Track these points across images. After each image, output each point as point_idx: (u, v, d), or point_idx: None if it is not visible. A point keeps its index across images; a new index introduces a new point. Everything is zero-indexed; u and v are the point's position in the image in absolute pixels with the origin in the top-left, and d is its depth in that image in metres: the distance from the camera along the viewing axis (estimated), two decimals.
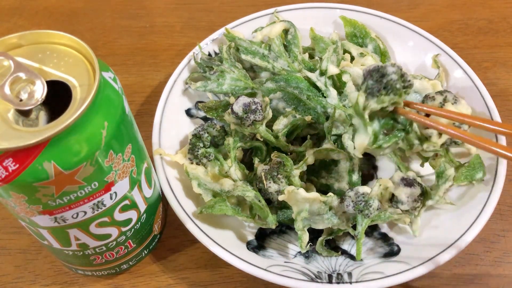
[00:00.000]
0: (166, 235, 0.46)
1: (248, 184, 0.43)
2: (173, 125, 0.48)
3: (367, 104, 0.35)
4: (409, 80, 0.34)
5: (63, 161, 0.27)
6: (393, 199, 0.42)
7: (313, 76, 0.47)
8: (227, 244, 0.39)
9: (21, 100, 0.28)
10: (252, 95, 0.47)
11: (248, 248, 0.41)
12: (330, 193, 0.41)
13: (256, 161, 0.44)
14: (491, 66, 0.59)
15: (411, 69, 0.53)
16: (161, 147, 0.45)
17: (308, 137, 0.45)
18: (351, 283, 0.37)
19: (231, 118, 0.43)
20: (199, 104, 0.49)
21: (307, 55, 0.52)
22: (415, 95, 0.47)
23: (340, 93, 0.46)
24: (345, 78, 0.46)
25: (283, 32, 0.52)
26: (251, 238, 0.43)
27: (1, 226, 0.47)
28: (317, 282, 0.37)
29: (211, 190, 0.43)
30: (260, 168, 0.43)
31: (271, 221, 0.41)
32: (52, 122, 0.27)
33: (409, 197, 0.41)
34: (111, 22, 0.67)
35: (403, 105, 0.35)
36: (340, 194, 0.41)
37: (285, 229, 0.44)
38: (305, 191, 0.40)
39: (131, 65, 0.61)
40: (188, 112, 0.51)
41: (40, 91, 0.28)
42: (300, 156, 0.44)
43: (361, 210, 0.39)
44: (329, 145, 0.43)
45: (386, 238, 0.43)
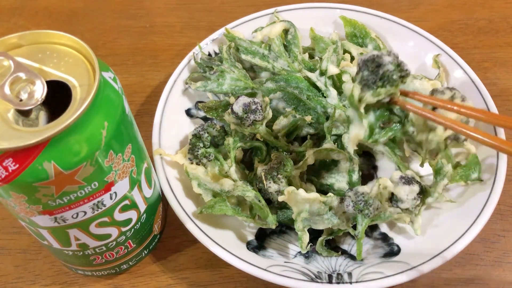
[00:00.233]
0: (166, 235, 0.46)
1: (248, 184, 0.43)
2: (173, 125, 0.48)
3: (363, 96, 0.33)
4: (406, 70, 0.33)
5: (63, 161, 0.27)
6: (393, 198, 0.42)
7: (313, 76, 0.47)
8: (227, 244, 0.39)
9: (21, 100, 0.28)
10: (252, 95, 0.47)
11: (248, 248, 0.41)
12: (330, 193, 0.41)
13: (256, 161, 0.44)
14: (491, 66, 0.59)
15: (411, 69, 0.53)
16: (161, 147, 0.45)
17: (308, 137, 0.45)
18: (351, 283, 0.37)
19: (231, 118, 0.43)
20: (199, 104, 0.49)
21: (307, 55, 0.52)
22: None
23: (340, 93, 0.47)
24: (345, 78, 0.46)
25: (283, 32, 0.52)
26: (251, 238, 0.43)
27: (1, 226, 0.47)
28: (317, 282, 0.37)
29: (211, 190, 0.43)
30: (260, 168, 0.43)
31: (271, 221, 0.41)
32: (52, 122, 0.27)
33: (409, 195, 0.41)
34: (111, 22, 0.67)
35: (399, 94, 0.34)
36: (340, 194, 0.41)
37: (285, 229, 0.44)
38: (305, 191, 0.40)
39: (131, 65, 0.61)
40: (188, 112, 0.51)
41: (40, 91, 0.28)
42: (300, 156, 0.44)
43: (361, 210, 0.39)
44: (329, 145, 0.43)
45: (386, 238, 0.43)
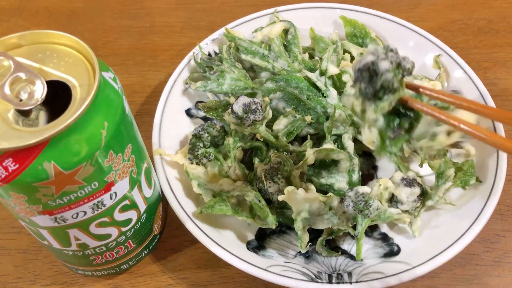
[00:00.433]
0: (166, 235, 0.45)
1: (248, 184, 0.43)
2: (173, 125, 0.48)
3: (364, 107, 0.30)
4: (408, 68, 0.29)
5: (63, 161, 0.27)
6: (393, 199, 0.42)
7: (313, 76, 0.47)
8: (227, 244, 0.39)
9: (21, 100, 0.28)
10: (252, 95, 0.47)
11: (248, 248, 0.41)
12: (330, 193, 0.41)
13: (256, 161, 0.44)
14: (491, 66, 0.59)
15: None
16: (161, 147, 0.45)
17: (308, 137, 0.45)
18: (351, 283, 0.37)
19: (231, 118, 0.43)
20: (199, 104, 0.49)
21: (307, 55, 0.52)
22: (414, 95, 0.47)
23: (340, 93, 0.47)
24: (345, 78, 0.46)
25: (283, 32, 0.52)
26: (251, 238, 0.43)
27: (1, 226, 0.47)
28: (317, 282, 0.37)
29: (211, 190, 0.43)
30: (260, 168, 0.43)
31: (271, 221, 0.41)
32: (52, 122, 0.27)
33: (409, 197, 0.41)
34: (111, 22, 0.67)
35: (405, 91, 0.30)
36: (340, 194, 0.41)
37: (285, 229, 0.44)
38: (305, 191, 0.40)
39: (131, 65, 0.61)
40: (188, 112, 0.51)
41: (40, 91, 0.28)
42: (300, 156, 0.44)
43: (361, 210, 0.39)
44: (329, 145, 0.43)
45: (386, 238, 0.43)
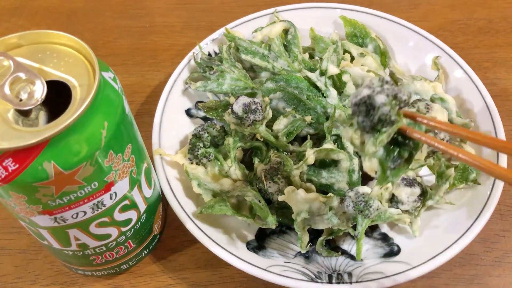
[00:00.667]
0: (166, 235, 0.45)
1: (248, 184, 0.43)
2: (173, 125, 0.48)
3: (363, 139, 0.30)
4: (405, 100, 0.28)
5: (63, 161, 0.27)
6: (393, 199, 0.42)
7: (313, 76, 0.47)
8: (227, 244, 0.39)
9: (21, 100, 0.28)
10: (252, 95, 0.47)
11: (248, 248, 0.41)
12: (330, 193, 0.41)
13: (256, 161, 0.44)
14: (491, 66, 0.59)
15: (411, 69, 0.53)
16: (161, 147, 0.45)
17: (308, 137, 0.45)
18: (351, 283, 0.37)
19: (231, 118, 0.43)
20: (199, 104, 0.49)
21: (307, 55, 0.52)
22: (415, 96, 0.47)
23: (340, 93, 0.47)
24: (345, 78, 0.46)
25: (283, 32, 0.52)
26: (251, 238, 0.43)
27: (1, 226, 0.47)
28: (317, 282, 0.37)
29: (211, 190, 0.43)
30: (260, 168, 0.43)
31: (271, 221, 0.41)
32: (52, 122, 0.27)
33: (410, 197, 0.41)
34: (111, 22, 0.67)
35: (403, 121, 0.29)
36: (340, 194, 0.41)
37: (285, 229, 0.44)
38: (305, 191, 0.40)
39: (131, 65, 0.61)
40: (188, 112, 0.51)
41: (40, 91, 0.28)
42: (300, 156, 0.44)
43: (361, 211, 0.39)
44: (329, 145, 0.43)
45: (386, 238, 0.43)
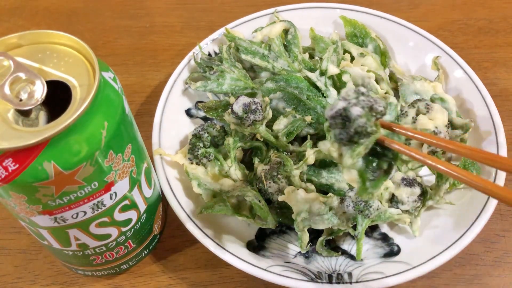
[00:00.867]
0: (166, 235, 0.45)
1: (248, 184, 0.43)
2: (173, 125, 0.48)
3: (341, 151, 0.30)
4: (381, 111, 0.28)
5: (63, 161, 0.27)
6: (393, 199, 0.42)
7: (313, 76, 0.47)
8: (227, 244, 0.39)
9: (21, 100, 0.28)
10: (252, 95, 0.47)
11: (248, 248, 0.41)
12: (330, 193, 0.41)
13: (256, 161, 0.44)
14: (491, 66, 0.59)
15: (411, 69, 0.53)
16: (161, 147, 0.45)
17: (308, 137, 0.45)
18: (351, 283, 0.37)
19: (231, 118, 0.43)
20: (199, 104, 0.49)
21: (307, 55, 0.52)
22: (415, 96, 0.47)
23: (340, 93, 0.46)
24: (345, 78, 0.46)
25: (283, 32, 0.52)
26: (251, 238, 0.43)
27: (1, 226, 0.47)
28: (317, 282, 0.37)
29: (211, 190, 0.43)
30: (260, 168, 0.43)
31: (271, 221, 0.41)
32: (52, 122, 0.27)
33: (410, 197, 0.41)
34: (111, 22, 0.67)
35: (381, 132, 0.29)
36: (340, 194, 0.41)
37: (285, 229, 0.44)
38: (305, 191, 0.40)
39: (131, 65, 0.61)
40: (188, 112, 0.51)
41: (40, 91, 0.28)
42: (300, 156, 0.44)
43: (361, 211, 0.39)
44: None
45: (386, 238, 0.43)
